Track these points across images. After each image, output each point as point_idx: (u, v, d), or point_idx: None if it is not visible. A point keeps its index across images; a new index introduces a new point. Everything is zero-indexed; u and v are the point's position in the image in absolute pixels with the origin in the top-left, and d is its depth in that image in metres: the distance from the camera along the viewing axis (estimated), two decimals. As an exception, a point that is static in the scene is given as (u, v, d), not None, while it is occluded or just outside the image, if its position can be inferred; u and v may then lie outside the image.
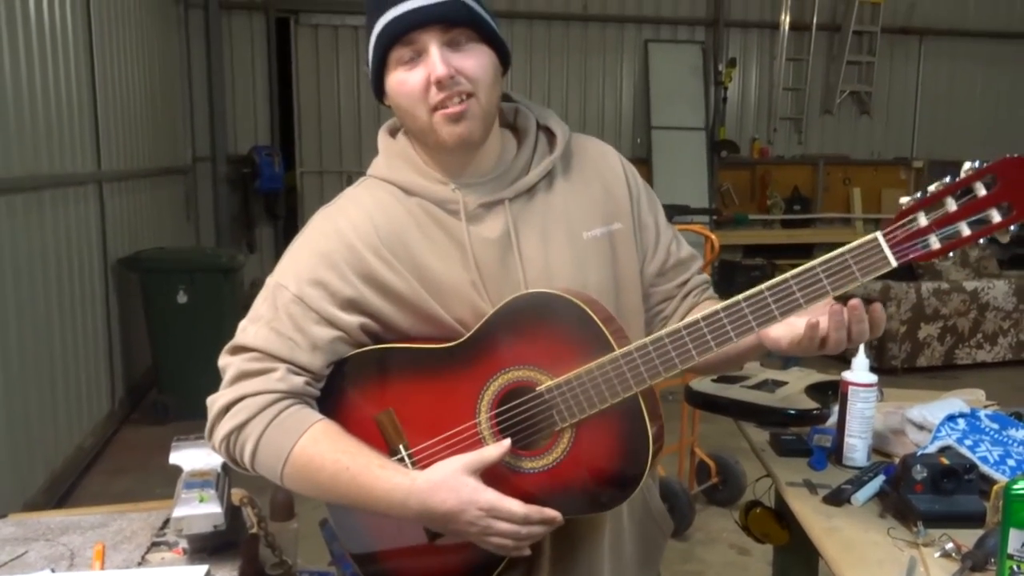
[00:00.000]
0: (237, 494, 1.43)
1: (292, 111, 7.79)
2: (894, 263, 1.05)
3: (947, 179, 1.04)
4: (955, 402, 1.69)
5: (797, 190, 8.85)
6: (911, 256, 1.04)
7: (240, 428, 1.15)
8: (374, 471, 1.12)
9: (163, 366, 4.77)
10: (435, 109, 1.15)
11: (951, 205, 1.03)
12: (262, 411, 1.15)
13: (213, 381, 1.21)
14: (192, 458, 1.33)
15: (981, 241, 1.04)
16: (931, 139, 9.18)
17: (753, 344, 1.21)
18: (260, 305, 1.21)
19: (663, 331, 1.11)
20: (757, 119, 8.85)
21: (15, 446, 3.34)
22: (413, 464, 1.19)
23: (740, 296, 1.09)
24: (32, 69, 3.66)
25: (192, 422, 1.19)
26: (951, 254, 1.04)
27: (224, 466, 1.32)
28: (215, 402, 1.19)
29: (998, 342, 6.03)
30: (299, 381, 1.17)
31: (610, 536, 1.29)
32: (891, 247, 1.04)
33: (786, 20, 8.43)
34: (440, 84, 1.12)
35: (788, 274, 1.08)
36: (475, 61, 1.15)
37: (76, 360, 4.12)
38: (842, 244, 1.07)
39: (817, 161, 8.90)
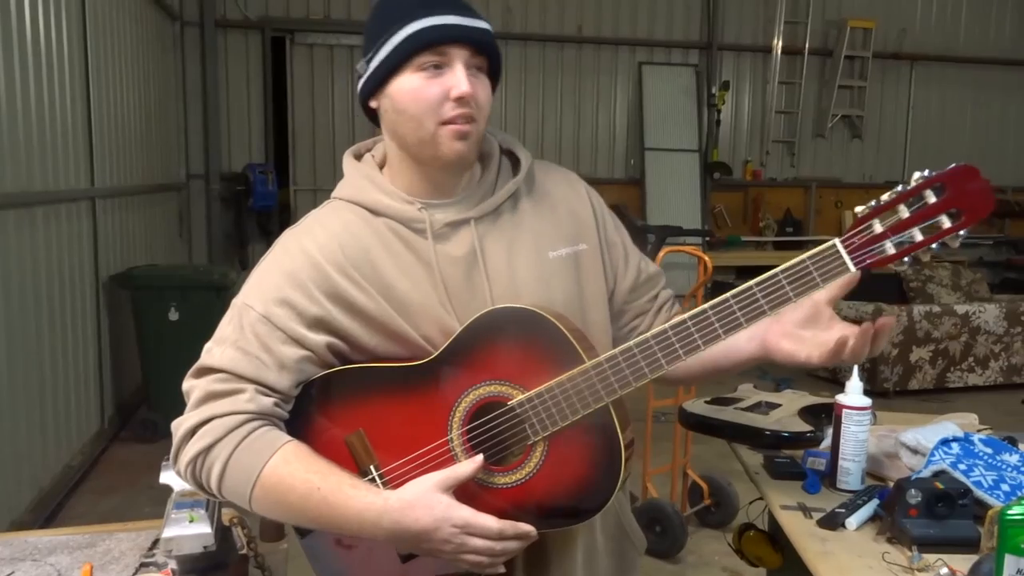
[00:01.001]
0: (227, 514, 1.42)
1: (286, 129, 7.81)
2: (852, 268, 1.08)
3: (899, 187, 1.08)
4: (949, 426, 1.69)
5: (789, 212, 8.90)
6: (868, 261, 1.08)
7: (207, 450, 1.13)
8: (346, 491, 1.10)
9: (153, 384, 4.75)
10: (444, 123, 1.16)
11: (904, 212, 1.07)
12: (230, 433, 1.12)
13: None
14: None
15: (934, 246, 1.08)
16: (922, 163, 9.14)
17: (750, 354, 1.25)
18: (225, 326, 1.20)
19: (632, 341, 1.12)
20: (750, 142, 8.91)
21: (2, 464, 3.30)
22: (384, 484, 1.18)
23: (707, 304, 1.11)
24: (27, 86, 3.66)
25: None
26: (906, 259, 1.08)
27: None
28: (180, 425, 1.15)
29: (989, 366, 6.05)
30: (268, 402, 1.15)
31: (583, 551, 1.29)
32: (849, 253, 1.08)
33: (779, 44, 8.52)
34: (460, 101, 1.14)
35: (752, 282, 1.11)
36: (484, 92, 1.19)
37: (66, 377, 4.09)
38: None
39: (809, 184, 8.96)
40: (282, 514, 1.15)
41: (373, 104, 1.22)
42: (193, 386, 1.17)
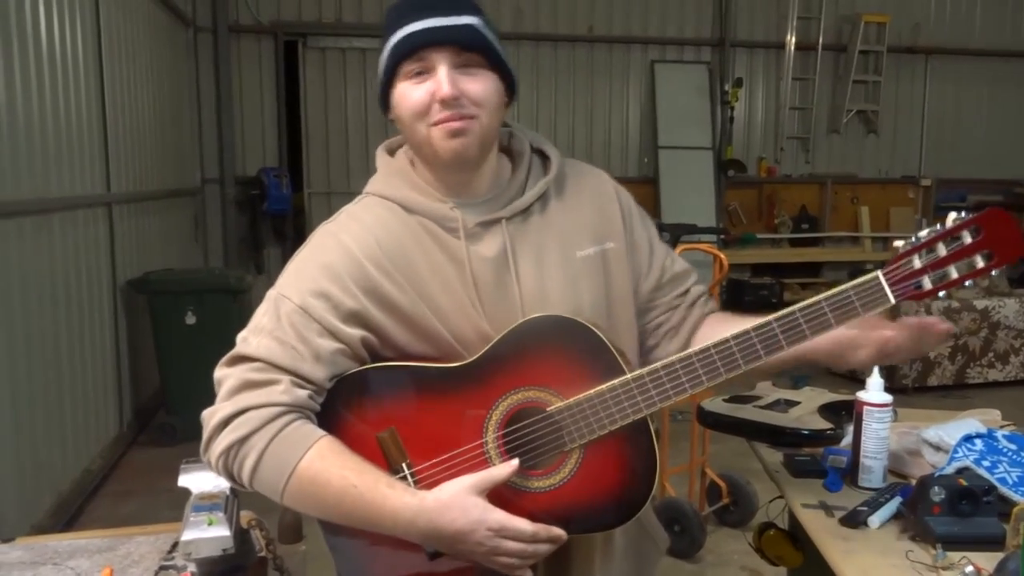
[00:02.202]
0: (246, 517, 1.42)
1: (300, 133, 7.84)
2: (892, 300, 1.15)
3: (938, 227, 1.17)
4: (971, 422, 1.67)
5: (805, 209, 8.84)
6: (907, 295, 1.16)
7: (241, 442, 1.12)
8: (382, 490, 1.10)
9: (171, 388, 4.77)
10: (435, 124, 1.17)
11: (941, 250, 1.16)
12: (266, 425, 1.12)
13: None
14: (201, 481, 1.32)
15: (967, 283, 1.16)
16: (938, 157, 9.18)
17: (792, 356, 1.25)
18: (261, 317, 1.19)
19: (675, 356, 1.15)
20: (764, 138, 8.86)
21: (22, 469, 3.33)
22: (415, 483, 1.17)
23: (750, 326, 1.16)
24: (43, 93, 3.68)
25: (199, 444, 1.17)
26: (941, 294, 1.16)
27: (232, 489, 1.30)
28: (213, 415, 1.15)
29: (1010, 361, 5.99)
30: (303, 394, 1.15)
31: (600, 553, 1.29)
32: (890, 285, 1.15)
33: (792, 40, 8.47)
34: (444, 103, 1.15)
35: (795, 307, 1.17)
36: (481, 85, 1.18)
37: (84, 382, 4.12)
38: (850, 262, 1.15)
39: (825, 180, 8.90)
40: (314, 509, 1.15)
41: (390, 116, 1.24)
42: (227, 375, 1.17)
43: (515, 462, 1.13)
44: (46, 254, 3.68)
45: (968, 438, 1.57)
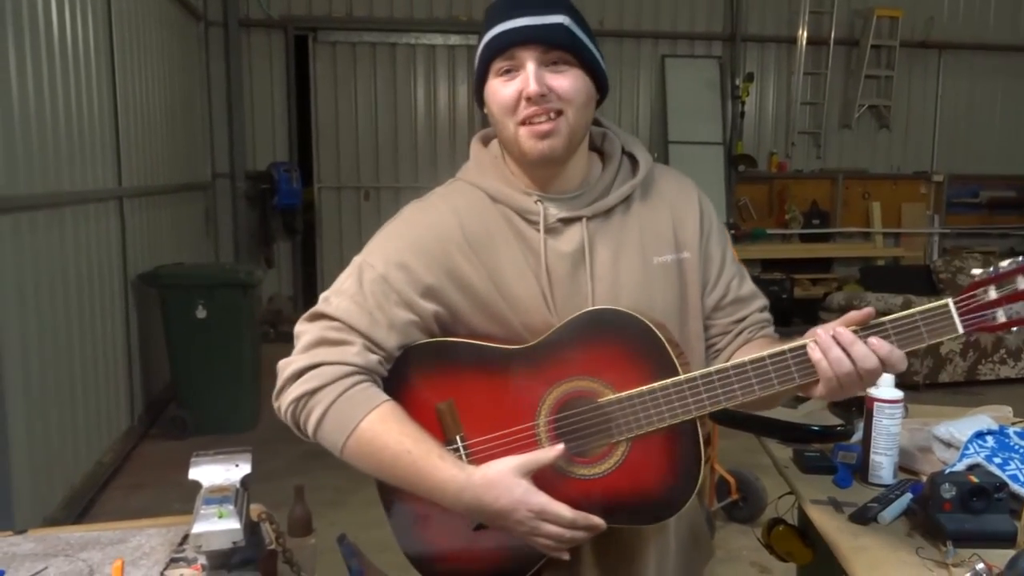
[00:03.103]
0: (256, 510, 1.43)
1: (310, 127, 7.85)
2: (961, 330, 1.09)
3: (1020, 258, 1.11)
4: (982, 419, 1.66)
5: (816, 204, 8.80)
6: (977, 326, 1.09)
7: (311, 394, 1.19)
8: (434, 460, 1.15)
9: (182, 381, 4.79)
10: (523, 123, 1.21)
11: (1021, 283, 1.09)
12: (335, 381, 1.18)
13: (231, 396, 1.21)
14: (211, 474, 1.32)
15: None
16: (951, 153, 9.12)
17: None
18: (344, 280, 1.26)
19: (729, 363, 1.15)
20: (775, 133, 8.82)
21: (35, 461, 3.35)
22: (467, 455, 1.22)
23: (807, 341, 1.13)
24: (55, 88, 3.70)
25: (210, 437, 1.18)
26: (1014, 329, 1.10)
27: (243, 482, 1.31)
28: (288, 365, 1.21)
29: (1022, 358, 5.95)
30: (373, 359, 1.21)
31: (656, 555, 1.31)
32: (960, 315, 1.09)
33: (804, 35, 8.42)
34: (530, 100, 1.19)
35: (858, 327, 1.11)
36: (569, 82, 1.21)
37: (96, 375, 4.14)
38: (861, 258, 1.08)
39: (836, 175, 8.85)
40: (370, 467, 1.20)
41: (485, 110, 1.28)
42: (305, 330, 1.23)
43: (561, 446, 1.16)
44: (58, 248, 3.70)
45: (979, 435, 1.56)
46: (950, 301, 1.09)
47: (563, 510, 1.13)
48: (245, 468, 1.30)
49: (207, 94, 7.42)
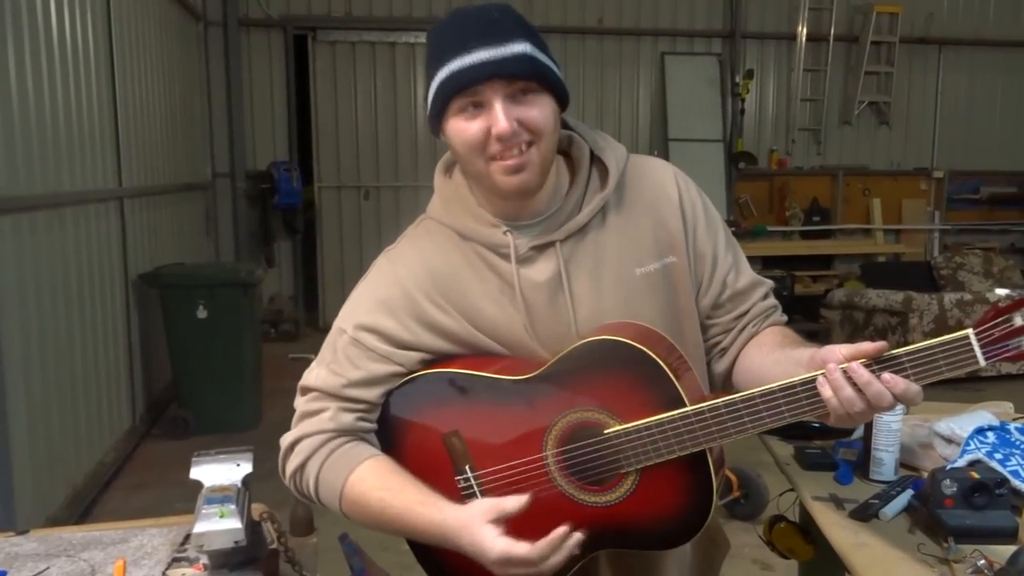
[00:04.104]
0: (257, 509, 1.42)
1: (310, 127, 7.84)
2: (983, 363, 1.02)
3: None
4: (983, 415, 1.66)
5: (816, 201, 8.80)
6: (1002, 355, 1.02)
7: (302, 468, 1.26)
8: (415, 508, 1.17)
9: (183, 381, 4.79)
10: (493, 158, 1.16)
11: None
12: (316, 451, 1.24)
13: (232, 395, 1.23)
14: (212, 473, 1.32)
15: None
16: (951, 149, 9.11)
17: None
18: (324, 349, 1.29)
19: (738, 395, 1.10)
20: (775, 130, 8.81)
21: (37, 462, 3.35)
22: (479, 486, 1.22)
23: (819, 372, 1.07)
24: (54, 88, 3.70)
25: (212, 436, 1.19)
26: None
27: (244, 481, 1.31)
28: (283, 441, 1.29)
29: (1023, 353, 5.94)
30: (349, 418, 1.24)
31: (675, 560, 1.32)
32: (983, 345, 1.01)
33: (803, 31, 8.41)
34: (501, 138, 1.13)
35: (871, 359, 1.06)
36: (538, 112, 1.16)
37: (97, 375, 4.14)
38: (862, 255, 1.02)
39: (836, 172, 8.85)
40: (369, 524, 1.24)
41: (441, 137, 1.23)
42: (297, 404, 1.29)
43: (524, 497, 1.13)
44: (58, 248, 3.70)
45: (980, 430, 1.56)
46: (971, 332, 1.01)
47: (522, 550, 1.09)
48: (246, 467, 1.30)
49: (207, 94, 7.41)
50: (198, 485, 1.31)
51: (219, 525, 1.22)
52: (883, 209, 8.91)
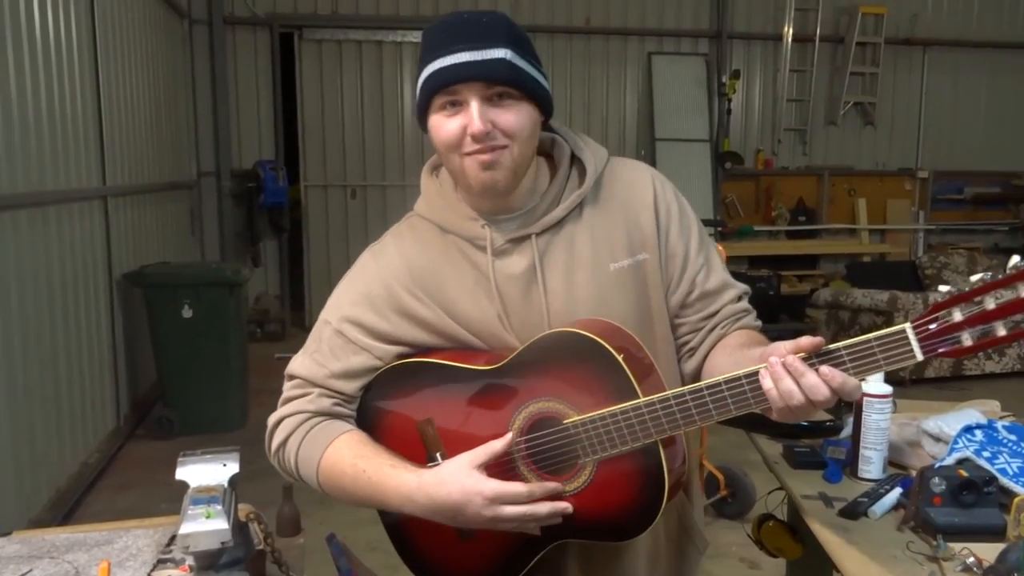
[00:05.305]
0: (244, 510, 1.41)
1: (296, 125, 7.81)
2: (920, 357, 1.03)
3: (988, 275, 1.02)
4: (971, 413, 1.67)
5: (802, 201, 8.84)
6: (939, 351, 1.02)
7: (283, 445, 1.32)
8: (386, 470, 1.22)
9: (168, 381, 4.76)
10: (468, 154, 1.21)
11: (989, 303, 1.02)
12: (296, 429, 1.30)
13: (218, 395, 1.23)
14: (198, 473, 1.31)
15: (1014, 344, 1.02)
16: (936, 149, 9.18)
17: None
18: (310, 339, 1.36)
19: (686, 388, 1.13)
20: (761, 130, 8.85)
21: (20, 462, 3.32)
22: None
23: (762, 365, 1.09)
24: (37, 85, 3.66)
25: (197, 437, 1.19)
26: (990, 351, 1.00)
27: (230, 482, 1.30)
28: (269, 421, 1.35)
29: (1006, 353, 5.99)
30: (328, 403, 1.31)
31: (646, 554, 1.33)
32: (921, 340, 1.03)
33: (789, 32, 8.45)
34: (475, 137, 1.18)
35: (813, 352, 1.07)
36: (513, 117, 1.20)
37: (81, 375, 4.11)
38: (847, 254, 1.03)
39: (822, 172, 8.90)
40: (342, 495, 1.28)
41: (427, 135, 1.28)
42: (284, 389, 1.36)
43: (509, 436, 1.19)
44: (41, 248, 3.67)
45: (968, 429, 1.57)
46: (908, 326, 1.03)
47: (516, 488, 1.14)
48: (233, 468, 1.29)
49: (192, 92, 7.37)
50: (184, 486, 1.29)
51: (205, 526, 1.21)
52: (868, 209, 8.97)
